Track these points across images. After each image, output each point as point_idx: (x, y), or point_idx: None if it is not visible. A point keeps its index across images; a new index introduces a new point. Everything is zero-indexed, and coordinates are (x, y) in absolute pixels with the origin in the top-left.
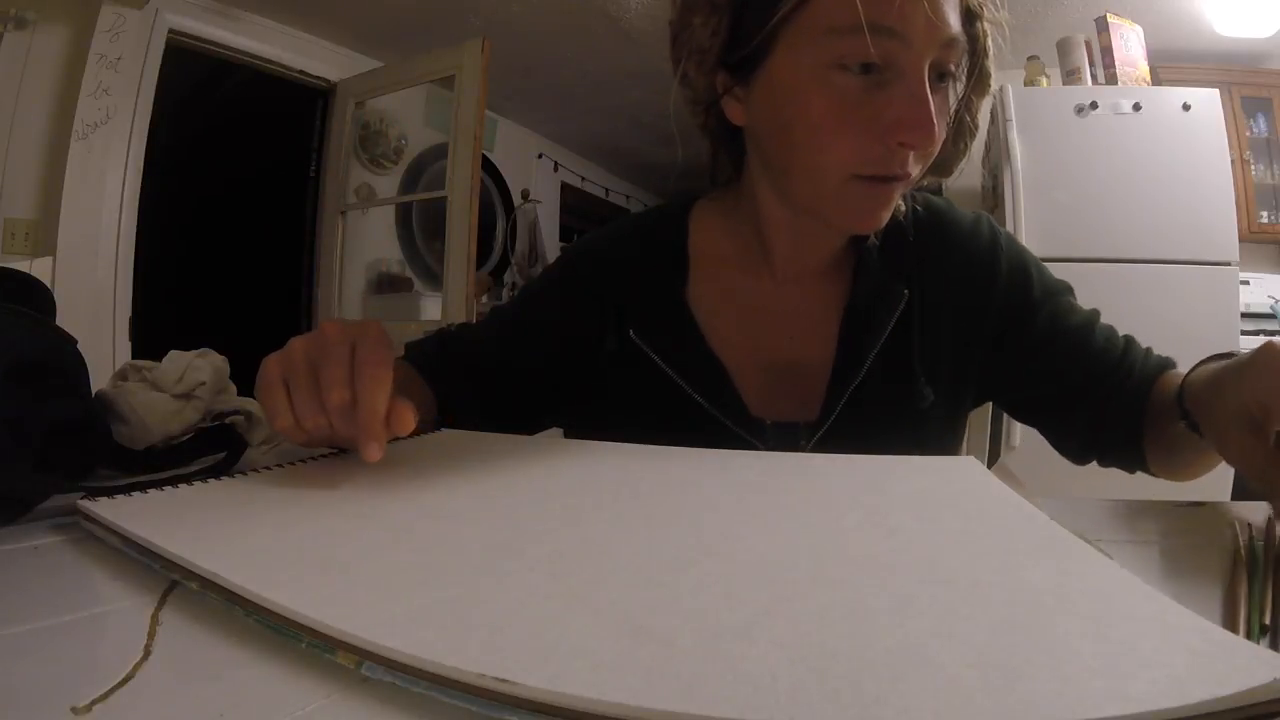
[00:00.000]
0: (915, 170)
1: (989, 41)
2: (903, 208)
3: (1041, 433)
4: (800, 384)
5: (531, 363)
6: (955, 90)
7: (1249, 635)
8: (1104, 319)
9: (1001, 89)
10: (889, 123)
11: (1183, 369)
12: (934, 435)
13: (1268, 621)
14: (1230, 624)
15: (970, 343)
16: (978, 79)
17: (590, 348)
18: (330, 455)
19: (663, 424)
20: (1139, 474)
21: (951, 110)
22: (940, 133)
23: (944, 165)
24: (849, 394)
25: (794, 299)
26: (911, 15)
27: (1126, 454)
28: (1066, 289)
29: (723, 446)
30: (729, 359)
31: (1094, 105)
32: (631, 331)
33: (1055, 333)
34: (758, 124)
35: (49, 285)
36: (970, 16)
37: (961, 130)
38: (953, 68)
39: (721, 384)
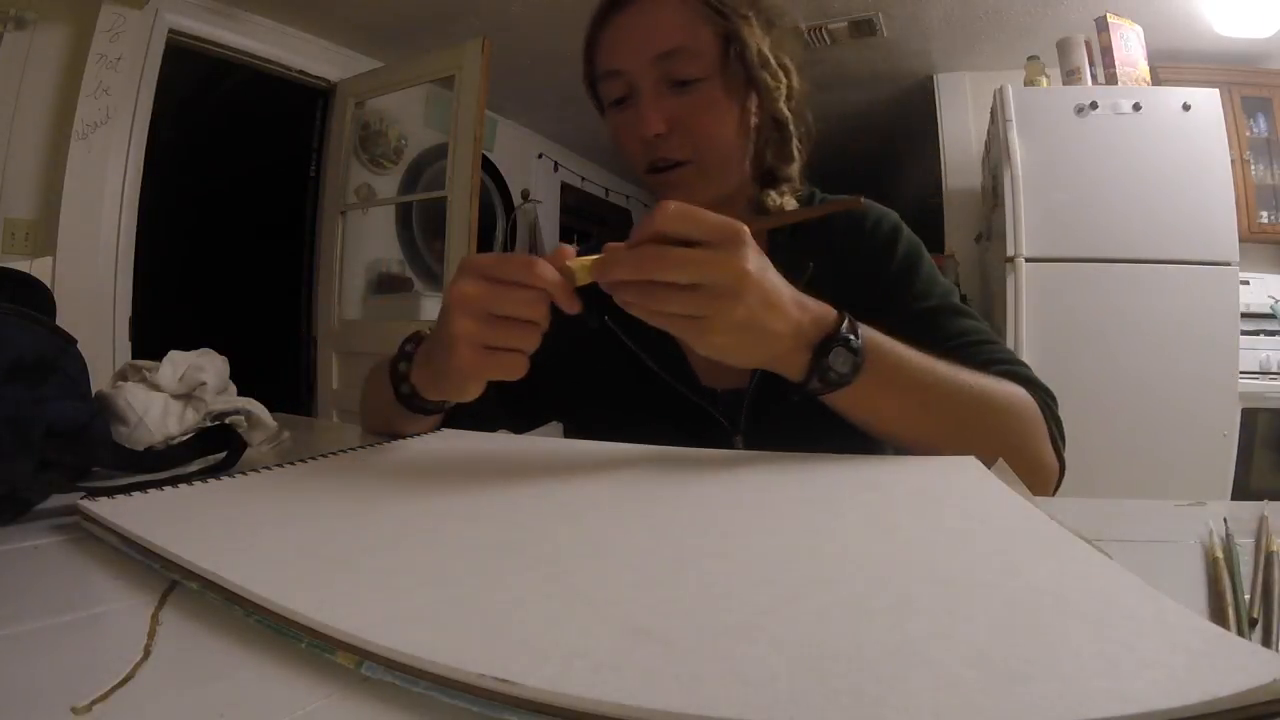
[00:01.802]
0: (691, 156)
1: (746, 50)
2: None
3: None
4: None
5: (537, 355)
6: (721, 90)
7: (1240, 631)
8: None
9: (1001, 89)
10: (637, 129)
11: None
12: None
13: (1256, 615)
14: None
15: (871, 309)
16: (744, 81)
17: (579, 331)
18: (330, 455)
19: (635, 399)
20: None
21: (713, 107)
22: (696, 124)
23: (780, 151)
24: None
25: None
26: (622, 56)
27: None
28: (947, 293)
29: (683, 414)
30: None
31: (1094, 105)
32: (606, 318)
33: (910, 314)
34: None
35: (49, 285)
36: (727, 38)
37: (764, 123)
38: (693, 75)
39: (677, 359)
